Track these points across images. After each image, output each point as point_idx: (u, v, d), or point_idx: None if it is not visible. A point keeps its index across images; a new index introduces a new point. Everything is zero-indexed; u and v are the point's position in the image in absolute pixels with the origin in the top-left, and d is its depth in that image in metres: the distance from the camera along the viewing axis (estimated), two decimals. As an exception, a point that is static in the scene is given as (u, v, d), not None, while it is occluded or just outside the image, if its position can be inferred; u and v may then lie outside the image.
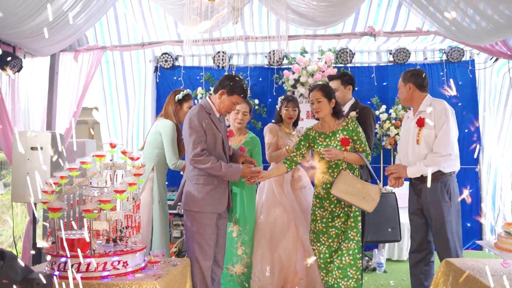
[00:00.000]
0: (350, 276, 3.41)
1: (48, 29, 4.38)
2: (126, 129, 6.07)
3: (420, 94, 3.46)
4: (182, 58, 6.28)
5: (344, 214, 3.48)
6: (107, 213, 2.43)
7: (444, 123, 3.27)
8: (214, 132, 3.19)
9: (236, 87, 3.19)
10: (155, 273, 2.46)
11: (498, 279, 2.27)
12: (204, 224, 3.16)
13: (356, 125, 3.50)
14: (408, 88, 3.46)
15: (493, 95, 5.87)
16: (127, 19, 5.47)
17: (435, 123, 3.31)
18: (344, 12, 4.37)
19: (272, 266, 3.82)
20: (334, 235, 3.49)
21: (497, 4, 3.58)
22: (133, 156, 2.78)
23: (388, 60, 6.10)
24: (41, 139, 4.04)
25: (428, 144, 3.34)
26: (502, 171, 5.86)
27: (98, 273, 2.34)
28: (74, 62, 5.39)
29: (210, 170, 3.10)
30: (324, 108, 3.49)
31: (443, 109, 3.32)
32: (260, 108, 6.05)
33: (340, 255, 3.44)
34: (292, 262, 3.81)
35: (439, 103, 3.38)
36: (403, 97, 3.52)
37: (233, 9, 3.43)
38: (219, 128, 3.24)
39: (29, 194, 3.89)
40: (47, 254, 2.46)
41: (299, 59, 5.91)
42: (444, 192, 3.31)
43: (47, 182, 2.58)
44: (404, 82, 3.49)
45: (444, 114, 3.29)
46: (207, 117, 3.18)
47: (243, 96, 3.24)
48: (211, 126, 3.19)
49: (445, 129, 3.26)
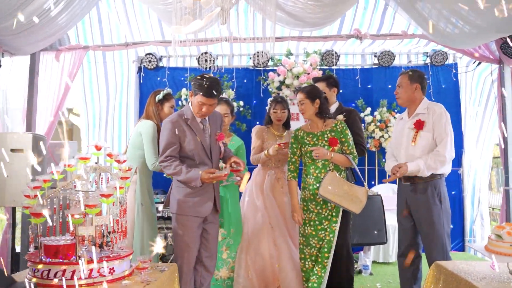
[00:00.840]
0: (315, 272, 3.44)
1: (28, 28, 4.26)
2: (105, 131, 5.96)
3: (421, 96, 3.47)
4: (166, 59, 6.20)
5: (331, 215, 3.46)
6: (94, 218, 2.35)
7: (445, 127, 3.30)
8: (192, 137, 3.13)
9: (197, 86, 3.06)
10: (143, 280, 2.38)
11: (489, 282, 2.28)
12: (186, 227, 3.14)
13: (344, 127, 3.50)
14: (414, 88, 3.44)
15: (474, 98, 5.96)
16: (110, 19, 5.36)
17: (434, 126, 3.33)
18: (331, 15, 4.36)
19: (254, 269, 3.81)
20: (323, 236, 3.46)
21: (480, 10, 3.61)
22: (119, 159, 2.70)
23: (373, 63, 6.13)
24: (22, 141, 3.91)
25: (424, 146, 3.34)
26: (480, 173, 5.95)
27: (84, 281, 2.25)
28: (55, 62, 5.25)
29: (174, 175, 3.12)
30: (307, 109, 3.50)
31: (443, 112, 3.35)
32: (245, 110, 6.01)
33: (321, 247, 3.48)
34: (272, 266, 3.81)
35: (438, 106, 3.40)
36: (407, 96, 3.46)
37: (221, 10, 3.38)
38: (198, 133, 3.16)
39: (9, 198, 3.76)
40: (29, 261, 2.36)
41: (285, 61, 5.89)
42: (435, 195, 3.32)
43: (29, 185, 2.48)
44: (411, 81, 3.45)
45: (444, 117, 3.33)
46: (182, 123, 3.13)
47: (205, 95, 3.04)
48: (189, 132, 3.14)
49: (448, 133, 3.30)
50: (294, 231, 3.88)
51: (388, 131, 5.83)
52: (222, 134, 3.28)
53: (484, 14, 3.61)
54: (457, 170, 5.98)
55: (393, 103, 5.93)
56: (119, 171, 2.65)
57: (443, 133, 3.29)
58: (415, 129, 3.39)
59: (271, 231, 3.87)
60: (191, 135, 3.14)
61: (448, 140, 3.28)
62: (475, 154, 5.96)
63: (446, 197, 3.37)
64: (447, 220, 3.35)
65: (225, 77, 6.01)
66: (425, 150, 3.34)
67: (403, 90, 3.48)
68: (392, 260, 5.29)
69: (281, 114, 4.08)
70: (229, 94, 5.86)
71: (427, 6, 3.91)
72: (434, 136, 3.34)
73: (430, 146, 3.34)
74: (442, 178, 3.39)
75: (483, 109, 5.88)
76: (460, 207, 6.00)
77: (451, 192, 5.92)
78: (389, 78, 6.02)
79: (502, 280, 2.32)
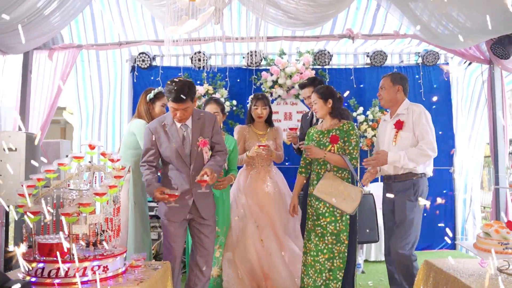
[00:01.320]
0: (340, 278, 3.43)
1: (21, 26, 4.25)
2: (98, 130, 5.97)
3: (403, 98, 3.55)
4: (160, 58, 6.21)
5: (329, 213, 3.46)
6: (87, 217, 2.36)
7: (426, 125, 3.36)
8: (169, 144, 3.15)
9: (168, 91, 3.05)
10: (136, 278, 2.40)
11: (477, 279, 2.32)
12: (166, 231, 3.22)
13: (351, 127, 3.54)
14: (396, 90, 3.53)
15: (465, 97, 6.03)
16: (104, 18, 5.36)
17: (414, 126, 3.39)
18: (326, 15, 4.40)
19: (243, 269, 3.82)
20: (320, 234, 3.48)
21: (469, 12, 3.67)
22: (113, 158, 2.72)
23: (365, 63, 6.17)
24: (15, 140, 3.91)
25: (405, 145, 3.39)
26: (472, 172, 6.02)
27: (78, 279, 2.27)
28: (49, 61, 5.24)
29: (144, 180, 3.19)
30: (320, 108, 3.56)
31: (422, 112, 3.41)
32: (238, 109, 6.04)
33: (331, 258, 3.44)
34: (261, 265, 3.82)
35: (417, 107, 3.47)
36: (390, 98, 3.55)
37: (215, 10, 3.40)
38: (174, 140, 3.14)
39: (3, 196, 3.76)
40: (23, 260, 2.37)
41: (278, 61, 5.92)
42: (412, 192, 3.37)
43: (23, 184, 2.50)
44: (393, 83, 3.54)
45: (424, 116, 3.39)
46: (160, 130, 3.15)
47: (174, 100, 3.00)
48: (165, 139, 3.15)
49: (429, 131, 3.35)
50: (283, 228, 3.91)
51: (380, 130, 5.88)
52: (205, 141, 3.18)
53: (474, 17, 3.66)
54: (448, 169, 6.04)
55: (385, 103, 5.98)
56: (113, 170, 2.67)
57: (424, 130, 3.34)
58: (395, 129, 3.46)
59: (256, 231, 3.86)
60: (167, 142, 3.15)
61: (430, 137, 3.33)
62: (467, 153, 6.02)
63: (424, 197, 3.41)
64: (419, 219, 3.40)
65: (218, 76, 6.03)
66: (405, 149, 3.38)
67: (386, 92, 3.56)
68: (383, 258, 5.33)
69: (262, 111, 4.04)
70: (222, 93, 5.89)
71: (420, 6, 3.95)
72: (415, 135, 3.39)
73: (411, 145, 3.38)
74: (424, 178, 3.44)
75: (474, 108, 5.94)
76: (451, 206, 6.06)
77: (443, 191, 6.00)
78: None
79: (492, 277, 2.36)
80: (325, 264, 3.43)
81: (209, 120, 3.25)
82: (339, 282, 3.43)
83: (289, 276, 3.77)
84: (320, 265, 3.44)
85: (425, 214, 5.79)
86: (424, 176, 3.44)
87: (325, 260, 3.44)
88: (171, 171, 3.20)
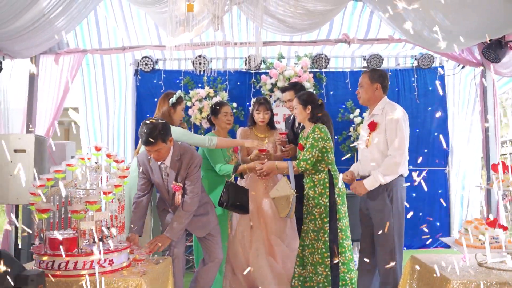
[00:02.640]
0: (320, 273, 3.58)
1: (28, 32, 4.43)
2: (107, 132, 6.15)
3: (381, 96, 3.44)
4: (162, 62, 6.37)
5: (309, 213, 3.63)
6: (94, 214, 2.54)
7: (398, 129, 3.26)
8: (152, 176, 3.33)
9: (140, 134, 3.15)
10: (140, 270, 2.58)
11: (455, 272, 2.49)
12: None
13: (312, 130, 3.61)
14: (375, 88, 3.42)
15: (462, 99, 6.17)
16: (108, 23, 5.55)
17: (386, 127, 3.31)
18: (320, 22, 4.57)
19: (237, 268, 3.95)
20: (305, 232, 3.66)
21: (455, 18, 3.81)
22: (118, 159, 2.90)
23: (362, 66, 6.31)
24: (24, 142, 4.10)
25: (378, 147, 3.35)
26: (470, 173, 6.16)
27: (86, 271, 2.45)
28: (55, 65, 5.44)
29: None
30: (300, 114, 3.70)
31: (396, 113, 3.30)
32: (238, 111, 6.19)
33: (313, 253, 3.61)
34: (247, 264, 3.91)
35: (391, 107, 3.36)
36: (368, 96, 3.44)
37: (213, 17, 3.57)
38: (155, 174, 3.30)
39: (13, 196, 3.95)
40: (35, 254, 2.56)
41: (276, 64, 6.08)
42: (386, 195, 3.28)
43: (34, 184, 2.68)
44: (371, 81, 3.43)
45: (395, 120, 3.27)
46: (146, 162, 3.30)
47: (144, 143, 3.11)
48: (151, 170, 3.32)
49: (401, 135, 3.25)
50: (277, 232, 4.02)
51: (377, 132, 6.03)
52: (177, 187, 3.23)
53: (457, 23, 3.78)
54: (443, 169, 6.19)
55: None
56: (117, 170, 2.85)
57: (393, 134, 3.25)
58: (369, 130, 3.41)
59: (249, 230, 3.97)
60: (153, 175, 3.33)
61: (396, 142, 3.24)
62: (464, 154, 6.16)
63: (399, 198, 3.31)
64: (399, 221, 3.30)
65: (219, 79, 6.20)
66: (378, 151, 3.35)
67: (364, 90, 3.46)
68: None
69: (264, 116, 4.15)
70: (223, 96, 6.05)
71: (410, 14, 4.11)
72: (386, 137, 3.32)
73: (383, 146, 3.33)
74: (397, 179, 3.30)
75: (471, 109, 6.09)
76: (446, 205, 6.19)
77: (438, 191, 6.16)
78: (378, 80, 6.22)
79: (472, 270, 2.53)
80: (308, 258, 3.62)
81: (187, 160, 3.27)
82: (320, 276, 3.56)
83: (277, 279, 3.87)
84: (306, 259, 3.64)
85: (420, 214, 6.04)
86: (399, 177, 3.33)
87: (308, 255, 3.62)
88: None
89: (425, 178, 6.18)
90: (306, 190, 3.68)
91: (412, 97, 6.14)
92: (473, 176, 6.17)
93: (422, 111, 6.17)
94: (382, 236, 3.27)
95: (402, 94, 6.19)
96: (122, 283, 2.42)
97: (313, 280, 3.59)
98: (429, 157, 6.08)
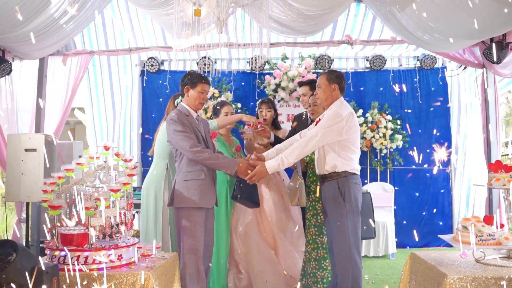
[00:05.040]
0: (324, 267, 3.67)
1: (38, 35, 4.54)
2: (113, 131, 6.27)
3: (338, 96, 3.38)
4: (168, 63, 6.48)
5: (312, 207, 3.73)
6: (104, 211, 2.64)
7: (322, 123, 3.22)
8: (195, 130, 3.35)
9: (194, 77, 3.34)
10: (147, 265, 2.67)
11: (455, 268, 2.56)
12: (194, 221, 3.26)
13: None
14: (333, 89, 3.34)
15: (464, 100, 6.24)
16: (115, 25, 5.66)
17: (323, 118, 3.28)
18: (321, 24, 4.66)
19: (242, 263, 4.04)
20: (307, 228, 3.76)
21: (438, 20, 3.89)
22: (126, 158, 2.99)
23: (365, 67, 6.40)
24: (35, 141, 4.21)
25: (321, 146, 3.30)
26: (472, 173, 6.22)
27: (96, 265, 2.54)
28: (63, 66, 5.55)
29: (208, 160, 3.22)
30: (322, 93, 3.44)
31: (333, 111, 3.25)
32: (242, 111, 6.28)
33: (315, 248, 3.70)
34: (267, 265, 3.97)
35: (340, 105, 3.30)
36: (325, 97, 3.36)
37: (218, 20, 3.66)
38: (198, 128, 3.38)
39: (24, 193, 4.05)
40: (47, 248, 2.65)
41: (280, 65, 6.17)
42: (338, 193, 3.22)
43: (46, 182, 2.77)
44: (329, 82, 3.36)
45: (333, 112, 3.24)
46: (186, 118, 3.34)
47: (204, 82, 3.35)
48: (191, 125, 3.34)
49: (319, 128, 3.20)
50: (280, 227, 4.10)
51: (379, 131, 6.10)
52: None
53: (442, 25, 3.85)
54: (445, 169, 6.26)
55: (384, 105, 6.22)
56: (126, 169, 2.95)
57: (323, 120, 3.23)
58: (315, 126, 3.37)
59: (255, 223, 4.05)
60: (194, 129, 3.35)
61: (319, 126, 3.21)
62: (467, 154, 6.22)
63: (352, 196, 3.23)
64: (353, 220, 3.21)
65: (223, 80, 6.30)
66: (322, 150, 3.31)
67: (322, 91, 3.39)
68: (380, 254, 5.59)
69: (266, 113, 4.32)
70: (228, 97, 6.15)
71: (404, 17, 4.20)
72: None
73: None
74: (348, 176, 3.24)
75: (473, 110, 6.16)
76: (449, 205, 6.26)
77: (440, 190, 6.23)
78: (381, 81, 6.31)
79: (469, 266, 2.60)
80: (311, 253, 3.71)
81: (206, 122, 3.63)
82: (324, 271, 3.64)
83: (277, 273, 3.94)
84: (308, 254, 3.73)
85: (424, 213, 6.11)
86: (350, 176, 3.25)
87: (311, 250, 3.71)
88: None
89: (428, 178, 6.26)
90: (308, 184, 3.77)
91: (414, 97, 6.21)
92: (476, 176, 6.23)
93: (425, 111, 6.24)
94: (337, 237, 3.22)
95: (404, 95, 6.28)
96: (131, 277, 2.50)
97: (316, 276, 3.67)
98: (431, 156, 6.16)
